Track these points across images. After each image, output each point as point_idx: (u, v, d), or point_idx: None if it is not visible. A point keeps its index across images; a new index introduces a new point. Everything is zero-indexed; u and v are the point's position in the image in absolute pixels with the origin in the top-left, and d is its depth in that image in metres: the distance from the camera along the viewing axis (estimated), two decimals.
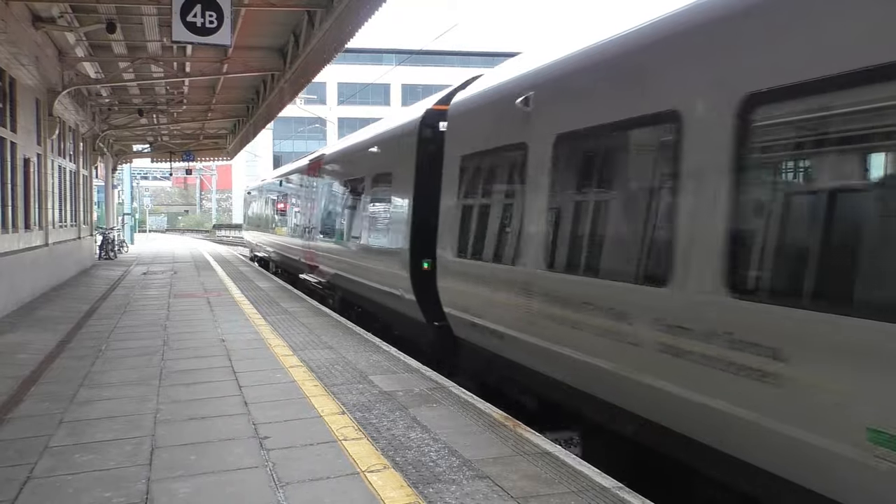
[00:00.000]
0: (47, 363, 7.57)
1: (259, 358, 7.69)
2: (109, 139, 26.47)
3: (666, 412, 4.38)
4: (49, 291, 14.34)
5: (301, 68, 14.05)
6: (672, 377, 4.21)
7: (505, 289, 6.35)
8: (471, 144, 7.34)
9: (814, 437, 3.30)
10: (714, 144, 3.94)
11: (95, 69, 16.88)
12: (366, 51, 69.88)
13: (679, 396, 4.17)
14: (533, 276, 5.88)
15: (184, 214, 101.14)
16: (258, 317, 10.80)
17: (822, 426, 3.27)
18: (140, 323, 10.31)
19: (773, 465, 3.62)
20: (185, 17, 8.77)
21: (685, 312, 4.11)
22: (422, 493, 3.92)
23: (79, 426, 5.29)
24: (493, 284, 6.62)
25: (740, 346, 3.69)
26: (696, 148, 4.11)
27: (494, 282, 6.60)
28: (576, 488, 4.00)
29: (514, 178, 6.38)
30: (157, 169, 54.16)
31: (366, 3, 10.03)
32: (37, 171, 14.09)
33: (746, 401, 3.67)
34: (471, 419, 5.36)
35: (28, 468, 4.40)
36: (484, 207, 7.04)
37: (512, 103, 6.24)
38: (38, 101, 14.15)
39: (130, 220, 38.85)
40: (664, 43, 4.50)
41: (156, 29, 13.12)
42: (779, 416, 3.49)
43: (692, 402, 4.07)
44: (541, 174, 5.84)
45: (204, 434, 5.04)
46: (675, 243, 4.22)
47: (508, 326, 6.36)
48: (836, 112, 3.36)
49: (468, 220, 7.36)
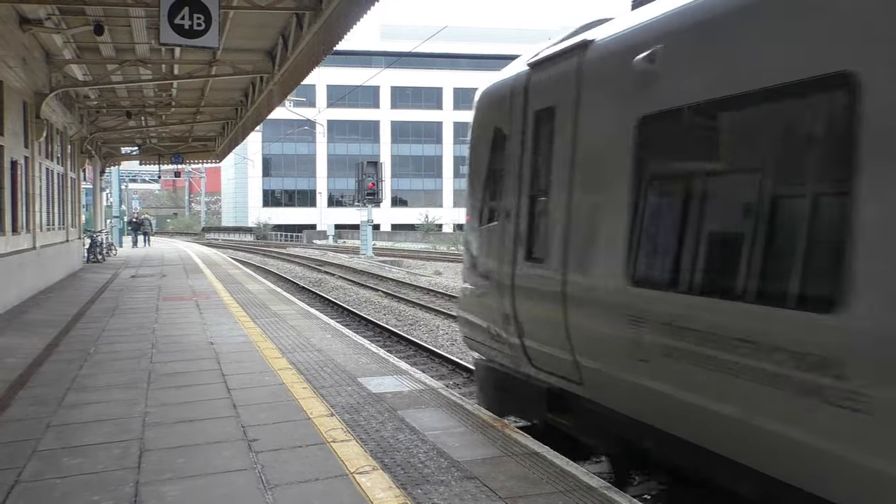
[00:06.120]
0: (35, 367, 7.54)
1: (248, 361, 7.69)
2: (97, 141, 26.36)
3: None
4: (37, 295, 14.25)
5: (290, 71, 14.05)
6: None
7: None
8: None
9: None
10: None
11: (83, 71, 16.84)
12: (355, 53, 69.92)
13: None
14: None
15: (172, 217, 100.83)
16: (247, 319, 10.78)
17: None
18: (129, 326, 10.28)
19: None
20: (172, 20, 8.76)
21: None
22: (410, 494, 3.94)
23: (67, 430, 5.27)
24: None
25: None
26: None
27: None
28: (563, 488, 4.03)
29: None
30: (145, 172, 53.96)
31: (354, 7, 10.05)
32: (24, 173, 14.01)
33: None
34: (459, 420, 5.38)
35: (16, 472, 4.38)
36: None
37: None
38: (26, 103, 14.08)
39: (119, 223, 38.64)
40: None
41: (144, 31, 13.10)
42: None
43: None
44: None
45: (193, 437, 5.04)
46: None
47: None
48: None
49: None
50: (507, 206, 5.80)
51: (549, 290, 5.07)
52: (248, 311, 11.72)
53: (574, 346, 4.84)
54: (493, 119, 6.19)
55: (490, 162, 6.21)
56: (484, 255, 6.27)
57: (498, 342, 6.01)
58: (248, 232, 73.93)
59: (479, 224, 6.41)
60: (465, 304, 6.87)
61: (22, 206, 13.80)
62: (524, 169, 5.59)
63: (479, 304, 6.37)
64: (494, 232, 6.02)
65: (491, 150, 6.16)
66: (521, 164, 5.63)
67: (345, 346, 8.59)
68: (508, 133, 5.85)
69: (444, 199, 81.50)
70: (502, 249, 5.83)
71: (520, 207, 5.61)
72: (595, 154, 4.80)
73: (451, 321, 15.78)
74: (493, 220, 6.12)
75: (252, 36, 13.79)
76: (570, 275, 4.84)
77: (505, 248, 5.79)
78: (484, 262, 6.24)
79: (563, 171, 5.04)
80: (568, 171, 4.99)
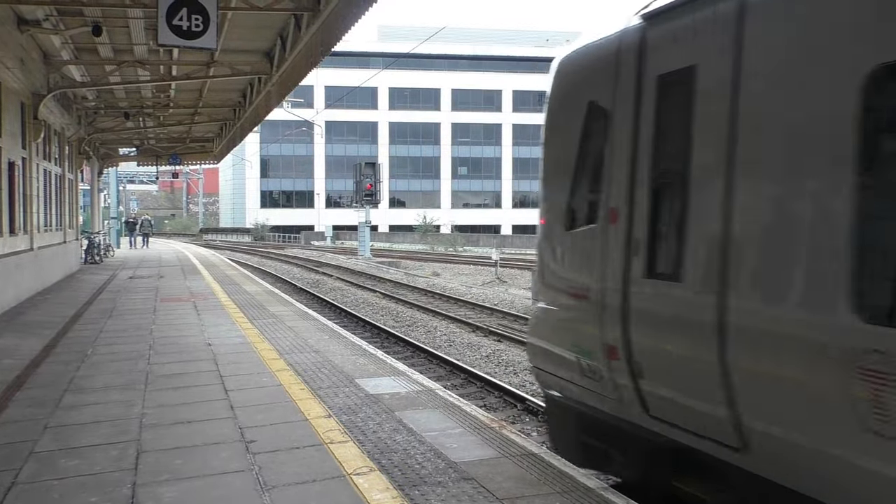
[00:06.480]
0: (32, 368, 7.53)
1: (245, 362, 7.69)
2: (95, 142, 26.33)
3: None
4: (34, 296, 14.24)
5: (288, 72, 14.06)
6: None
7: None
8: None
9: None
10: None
11: (81, 72, 16.82)
12: (353, 54, 69.94)
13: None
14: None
15: (170, 218, 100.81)
16: (245, 320, 10.78)
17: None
18: (126, 327, 10.27)
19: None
20: (170, 21, 8.77)
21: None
22: (408, 495, 3.95)
23: (64, 431, 5.27)
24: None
25: None
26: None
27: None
28: (561, 489, 4.04)
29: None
30: (143, 173, 53.94)
31: (352, 7, 10.06)
32: (22, 174, 13.99)
33: None
34: (456, 421, 5.39)
35: (13, 474, 4.38)
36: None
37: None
38: (24, 104, 14.07)
39: (116, 224, 38.60)
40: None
41: (142, 32, 13.09)
42: None
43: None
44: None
45: (190, 438, 5.04)
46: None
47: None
48: None
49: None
50: (613, 203, 4.46)
51: (690, 320, 3.79)
52: (245, 313, 11.71)
53: (737, 401, 3.52)
54: (585, 92, 4.87)
55: (581, 147, 4.85)
56: (573, 268, 4.97)
57: (591, 380, 4.67)
58: (246, 233, 73.88)
59: (563, 227, 4.99)
60: (538, 328, 5.47)
61: (19, 207, 13.78)
62: (640, 153, 4.24)
63: (562, 330, 5.07)
64: (591, 237, 4.66)
65: (583, 132, 4.82)
66: (635, 146, 4.29)
67: (342, 347, 8.59)
68: (612, 107, 4.53)
69: (441, 201, 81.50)
70: (605, 260, 4.48)
71: (634, 204, 4.25)
72: (782, 127, 3.38)
73: (449, 322, 15.79)
74: (588, 221, 4.75)
75: (250, 37, 13.79)
76: (733, 299, 3.53)
77: (609, 259, 4.44)
78: (573, 277, 4.92)
79: (716, 152, 3.68)
80: (725, 152, 3.62)
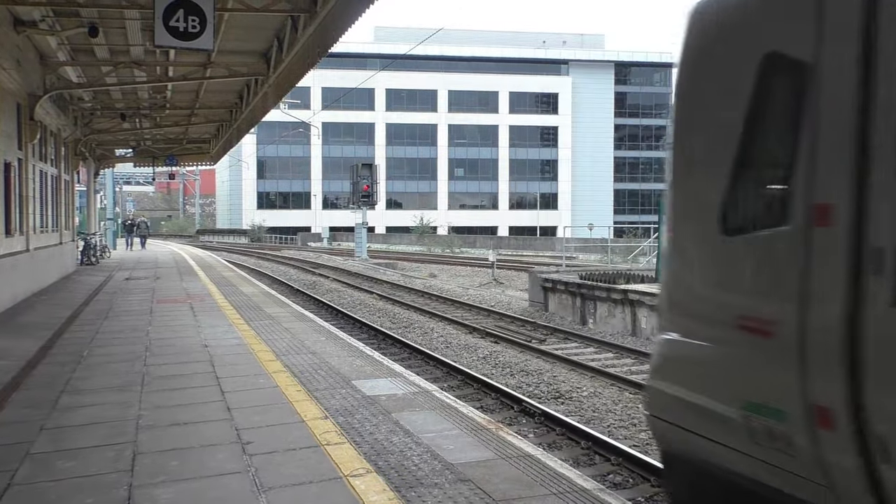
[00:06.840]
0: (29, 369, 7.52)
1: (242, 363, 7.68)
2: (91, 143, 26.28)
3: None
4: (30, 297, 14.21)
5: (285, 73, 14.05)
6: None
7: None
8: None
9: None
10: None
11: (77, 73, 16.79)
12: (350, 55, 69.93)
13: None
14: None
15: (167, 220, 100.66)
16: (241, 322, 10.77)
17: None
18: (122, 329, 10.25)
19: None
20: (167, 22, 8.76)
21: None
22: (404, 497, 3.95)
23: (60, 432, 5.26)
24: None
25: None
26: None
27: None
28: (558, 490, 4.04)
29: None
30: (139, 174, 53.85)
31: (349, 9, 10.06)
32: (17, 176, 13.97)
33: None
34: (453, 423, 5.39)
35: (9, 475, 4.37)
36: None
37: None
38: (20, 105, 14.05)
39: (113, 226, 38.53)
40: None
41: (138, 33, 13.07)
42: None
43: None
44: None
45: (186, 440, 5.03)
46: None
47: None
48: None
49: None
50: (823, 196, 2.84)
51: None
52: (242, 314, 11.70)
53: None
54: (756, 39, 3.20)
55: (750, 118, 3.20)
56: (740, 289, 3.31)
57: (771, 450, 2.98)
58: (243, 234, 73.76)
59: (719, 231, 3.36)
60: (668, 369, 3.74)
61: (15, 208, 13.75)
62: (877, 120, 2.62)
63: (716, 376, 3.37)
64: (776, 244, 3.09)
65: (753, 98, 3.18)
66: (865, 110, 2.67)
67: (339, 348, 8.59)
68: (814, 56, 2.87)
69: (438, 202, 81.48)
70: (809, 279, 2.90)
71: (868, 198, 2.66)
72: None
73: (446, 323, 15.79)
74: (769, 222, 3.18)
75: (247, 38, 13.78)
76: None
77: (818, 278, 2.86)
78: (741, 302, 3.27)
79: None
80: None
